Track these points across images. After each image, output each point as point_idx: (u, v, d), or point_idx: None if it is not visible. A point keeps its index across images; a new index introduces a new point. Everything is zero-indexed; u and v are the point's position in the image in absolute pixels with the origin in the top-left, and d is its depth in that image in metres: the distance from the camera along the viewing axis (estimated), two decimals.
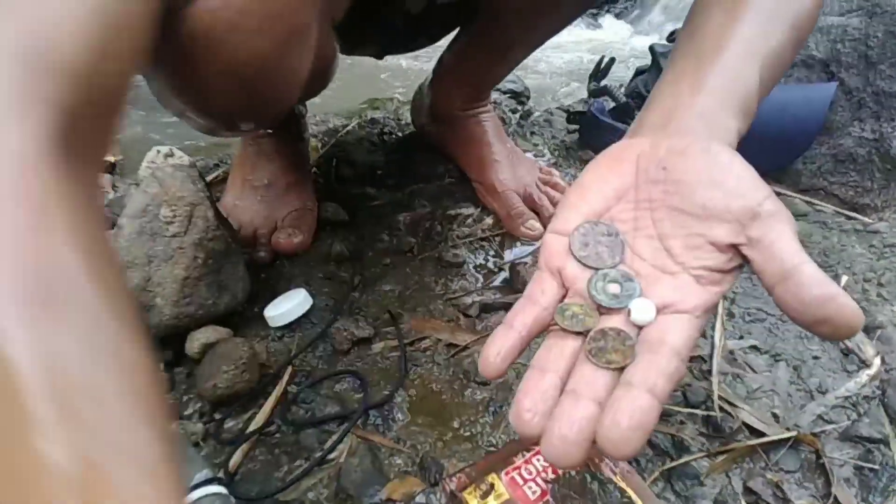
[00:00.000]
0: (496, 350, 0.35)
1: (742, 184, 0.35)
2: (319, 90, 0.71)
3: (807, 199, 0.97)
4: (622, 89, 1.21)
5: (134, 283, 0.65)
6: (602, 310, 0.37)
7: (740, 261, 0.35)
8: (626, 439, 0.30)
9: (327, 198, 0.93)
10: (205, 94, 0.53)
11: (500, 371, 0.35)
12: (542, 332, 0.37)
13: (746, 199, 0.35)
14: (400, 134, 1.15)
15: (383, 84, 1.76)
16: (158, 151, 0.92)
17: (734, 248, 0.35)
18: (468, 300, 0.78)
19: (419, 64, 1.83)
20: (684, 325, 0.34)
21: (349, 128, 1.18)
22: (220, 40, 0.46)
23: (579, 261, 0.38)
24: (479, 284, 0.82)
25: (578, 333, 0.36)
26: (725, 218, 0.35)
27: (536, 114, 1.26)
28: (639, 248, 0.39)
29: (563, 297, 0.38)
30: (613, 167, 0.41)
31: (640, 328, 0.35)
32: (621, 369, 0.34)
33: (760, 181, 0.36)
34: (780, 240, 0.33)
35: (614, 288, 0.37)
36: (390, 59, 1.02)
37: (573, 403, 0.32)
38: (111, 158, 1.07)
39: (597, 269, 0.38)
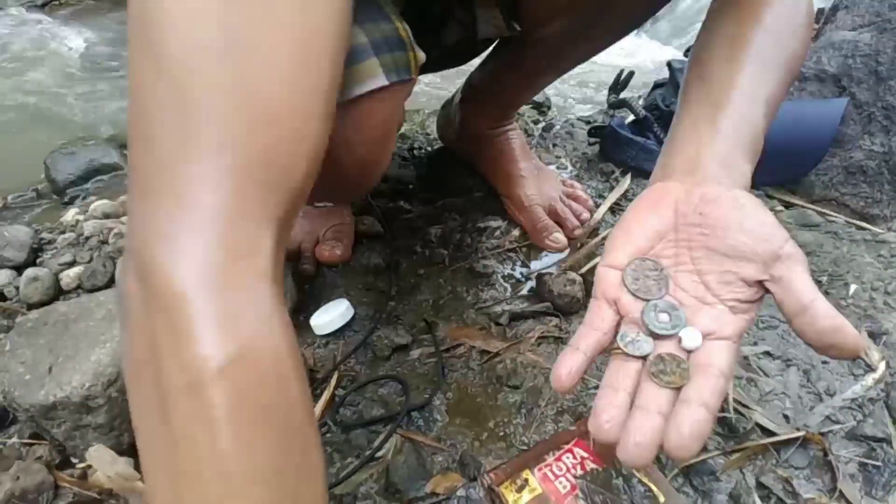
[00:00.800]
0: (567, 370, 0.42)
1: (766, 229, 0.42)
2: None
3: (819, 209, 1.02)
4: (641, 101, 1.26)
5: None
6: (655, 336, 0.44)
7: (763, 293, 0.43)
8: (688, 447, 0.37)
9: (363, 212, 0.99)
10: None
11: (570, 387, 0.43)
12: (602, 352, 0.44)
13: (770, 243, 0.42)
14: (429, 148, 1.21)
15: None
16: None
17: (760, 283, 0.42)
18: (498, 309, 0.84)
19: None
20: (726, 350, 0.42)
21: None
22: (336, 157, 0.53)
23: (632, 293, 0.45)
24: (508, 294, 0.88)
25: (638, 357, 0.43)
26: (753, 258, 0.42)
27: (558, 126, 1.31)
28: (680, 281, 0.45)
29: (618, 322, 0.45)
30: (653, 210, 0.48)
31: (689, 352, 0.43)
32: (679, 388, 0.41)
33: (780, 226, 0.43)
34: (798, 279, 0.40)
35: (664, 317, 0.44)
36: None
37: (644, 416, 0.39)
38: None
39: (647, 300, 0.45)
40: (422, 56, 0.56)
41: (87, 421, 0.66)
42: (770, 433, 0.66)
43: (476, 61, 0.98)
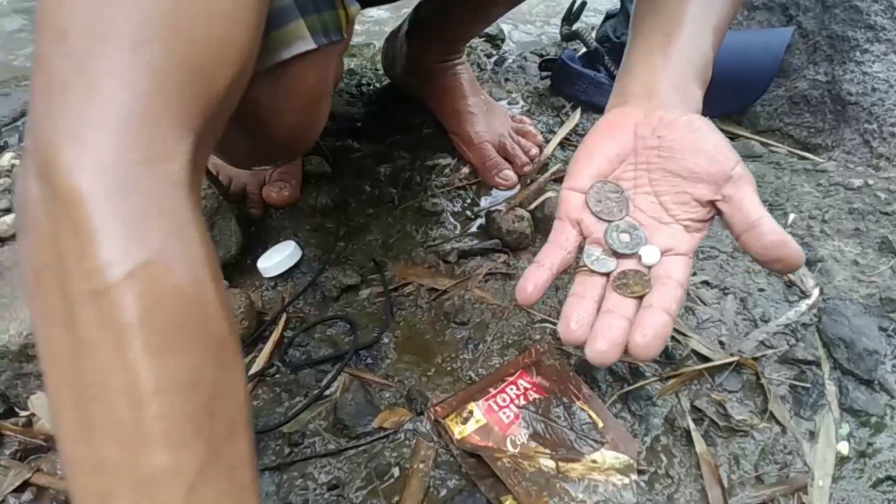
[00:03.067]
0: (532, 284, 0.45)
1: (719, 151, 0.45)
2: None
3: (763, 140, 1.03)
4: (594, 32, 1.24)
5: None
6: (617, 254, 0.47)
7: (714, 213, 0.46)
8: (652, 345, 0.41)
9: (310, 152, 0.96)
10: (238, 155, 0.62)
11: (534, 300, 0.45)
12: (565, 270, 0.47)
13: (722, 164, 0.44)
14: (378, 84, 1.18)
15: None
16: None
17: (711, 203, 0.45)
18: (447, 247, 0.84)
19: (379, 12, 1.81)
20: (682, 264, 0.45)
21: None
22: (266, 123, 0.52)
23: (595, 215, 0.48)
24: (457, 231, 0.88)
25: (603, 274, 0.47)
26: (706, 179, 0.45)
27: (510, 59, 1.29)
28: (639, 202, 0.48)
29: (581, 242, 0.48)
30: (613, 133, 0.49)
31: (649, 268, 0.46)
32: (641, 297, 0.44)
33: (732, 149, 0.45)
34: (747, 198, 0.43)
35: (625, 237, 0.47)
36: None
37: (611, 318, 0.43)
38: None
39: (609, 221, 0.47)
40: (354, 10, 0.54)
41: (28, 369, 0.66)
42: (705, 359, 0.68)
43: None
